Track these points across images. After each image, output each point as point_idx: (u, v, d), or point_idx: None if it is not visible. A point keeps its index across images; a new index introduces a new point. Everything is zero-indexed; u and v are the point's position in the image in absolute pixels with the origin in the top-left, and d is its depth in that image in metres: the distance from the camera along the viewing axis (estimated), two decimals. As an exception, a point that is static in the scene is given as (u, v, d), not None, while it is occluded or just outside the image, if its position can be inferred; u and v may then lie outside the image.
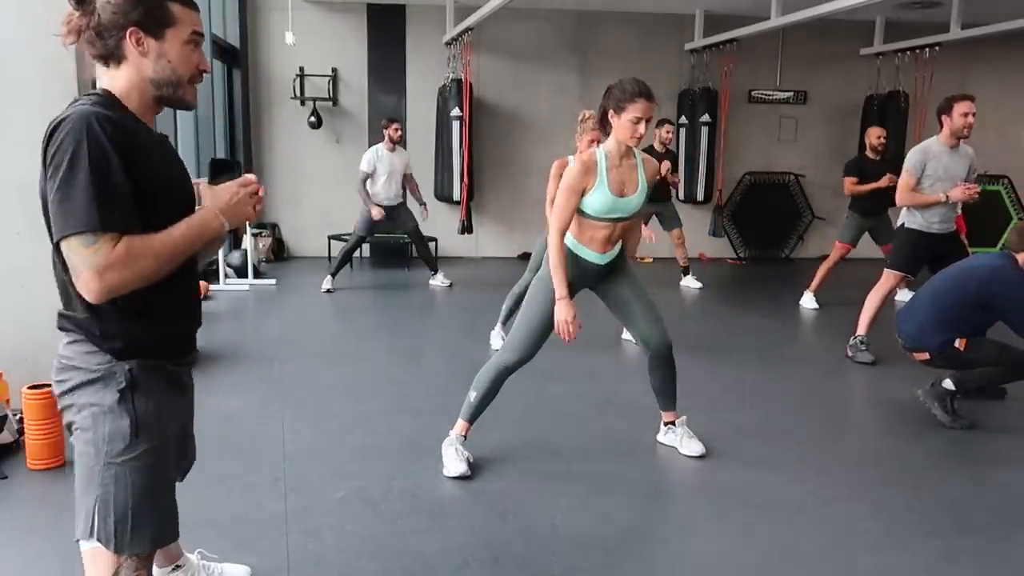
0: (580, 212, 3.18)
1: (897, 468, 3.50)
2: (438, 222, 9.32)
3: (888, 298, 5.27)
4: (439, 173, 8.96)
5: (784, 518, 2.99)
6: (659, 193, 6.77)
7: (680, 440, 3.56)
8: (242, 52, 8.81)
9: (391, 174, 7.15)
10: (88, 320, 1.61)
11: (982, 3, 7.77)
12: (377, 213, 7.03)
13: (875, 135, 6.74)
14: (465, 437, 3.35)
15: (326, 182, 9.22)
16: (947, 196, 4.78)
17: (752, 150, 9.93)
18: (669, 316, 3.61)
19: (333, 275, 7.31)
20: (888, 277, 5.20)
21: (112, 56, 1.62)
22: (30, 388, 3.27)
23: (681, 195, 9.14)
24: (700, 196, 9.41)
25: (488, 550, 2.68)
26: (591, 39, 9.41)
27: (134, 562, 1.68)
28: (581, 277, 3.30)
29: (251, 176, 1.76)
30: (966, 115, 4.72)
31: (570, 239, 3.25)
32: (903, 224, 5.12)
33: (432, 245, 9.16)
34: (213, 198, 1.68)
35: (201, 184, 1.80)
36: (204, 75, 1.73)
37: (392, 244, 8.86)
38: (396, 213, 7.27)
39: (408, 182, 7.34)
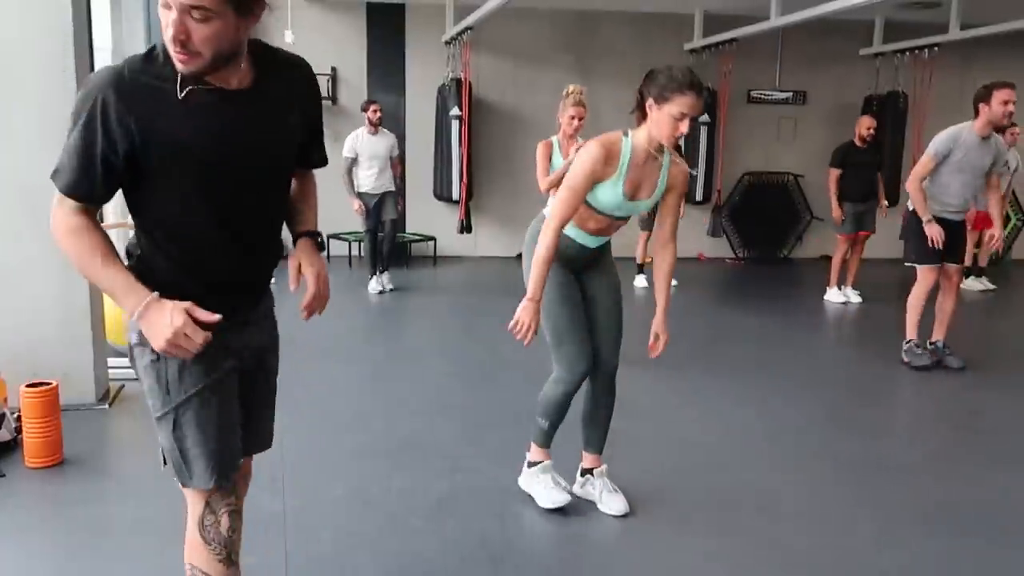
0: None
1: (897, 468, 3.50)
2: (437, 221, 9.33)
3: (927, 294, 4.91)
4: (438, 172, 8.95)
5: (783, 518, 2.99)
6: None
7: (599, 495, 2.99)
8: (241, 51, 8.79)
9: (373, 158, 6.84)
10: (135, 260, 1.69)
11: (981, 4, 7.77)
12: (358, 207, 6.83)
13: (865, 125, 6.80)
14: (549, 463, 3.01)
15: (325, 180, 8.91)
16: (929, 233, 4.61)
17: (751, 150, 9.93)
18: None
19: (374, 274, 7.12)
20: (923, 273, 4.86)
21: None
22: (28, 386, 3.26)
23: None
24: (699, 196, 9.41)
25: (488, 550, 2.68)
26: (590, 39, 9.41)
27: (218, 495, 1.74)
28: (571, 261, 2.85)
29: (201, 333, 1.54)
30: (1006, 103, 4.54)
31: None
32: (914, 210, 4.77)
33: (431, 244, 9.18)
34: (157, 310, 1.53)
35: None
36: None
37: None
38: (381, 202, 6.98)
39: (392, 167, 7.03)
